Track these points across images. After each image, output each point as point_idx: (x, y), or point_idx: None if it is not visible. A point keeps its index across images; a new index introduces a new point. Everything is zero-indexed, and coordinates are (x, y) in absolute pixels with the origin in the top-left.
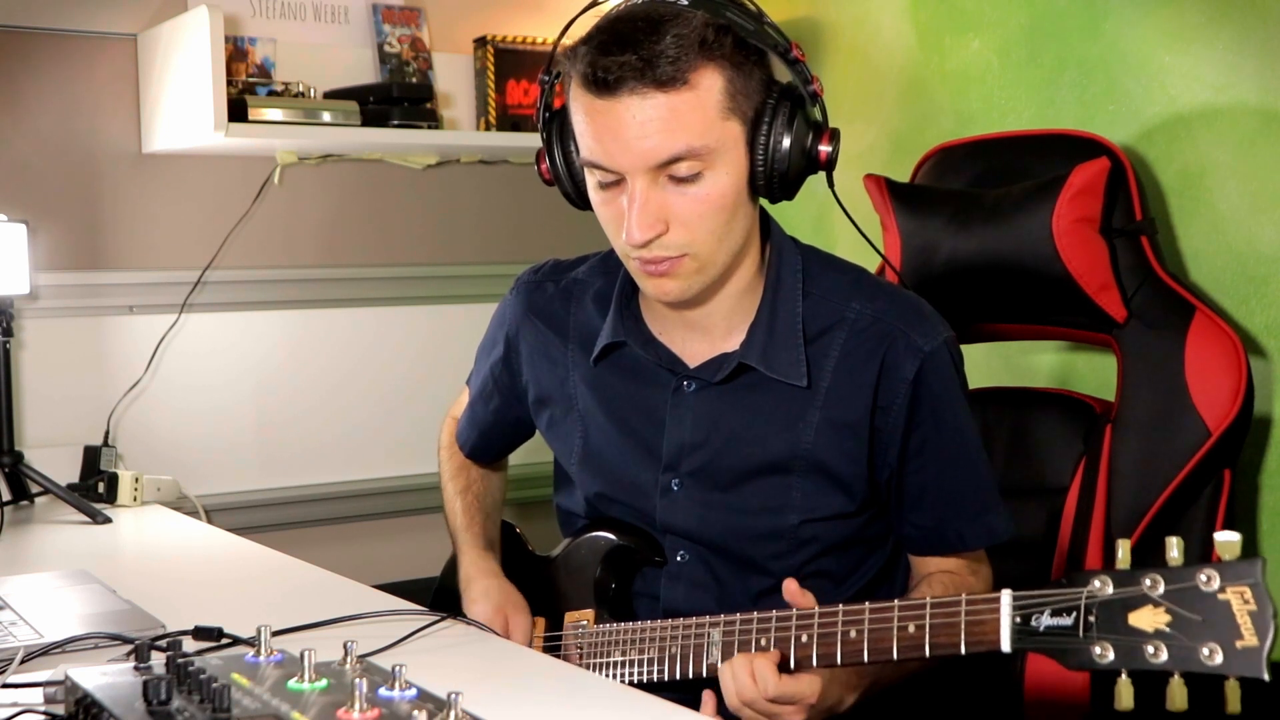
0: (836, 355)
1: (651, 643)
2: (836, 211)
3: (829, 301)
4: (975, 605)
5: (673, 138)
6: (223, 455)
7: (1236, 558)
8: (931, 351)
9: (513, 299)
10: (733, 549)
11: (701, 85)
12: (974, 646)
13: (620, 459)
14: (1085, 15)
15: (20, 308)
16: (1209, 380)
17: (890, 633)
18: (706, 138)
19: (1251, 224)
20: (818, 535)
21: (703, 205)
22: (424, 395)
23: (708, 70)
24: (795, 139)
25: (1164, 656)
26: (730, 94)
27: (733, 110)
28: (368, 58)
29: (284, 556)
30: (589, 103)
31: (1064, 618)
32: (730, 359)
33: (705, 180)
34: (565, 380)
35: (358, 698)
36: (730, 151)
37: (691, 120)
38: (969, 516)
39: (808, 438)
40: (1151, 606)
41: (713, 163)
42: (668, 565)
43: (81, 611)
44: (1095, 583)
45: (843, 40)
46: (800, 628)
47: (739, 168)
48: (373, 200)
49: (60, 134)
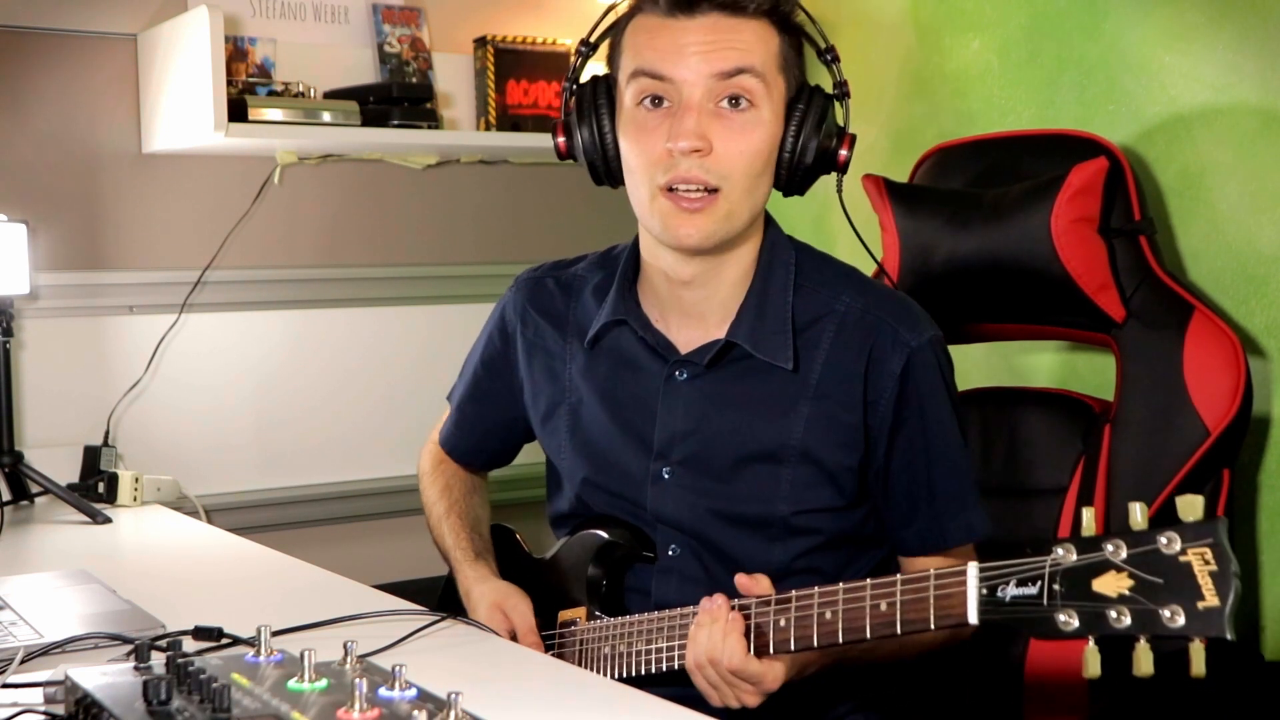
0: (826, 347)
1: (640, 635)
2: (836, 213)
3: (819, 294)
4: (943, 579)
5: (739, 53)
6: (223, 455)
7: (1199, 519)
8: (918, 347)
9: (512, 295)
10: (722, 540)
11: (765, 30)
12: (943, 621)
13: (611, 446)
14: (1085, 15)
15: (20, 308)
16: (1208, 380)
17: (864, 611)
18: (766, 68)
19: (1251, 224)
20: (807, 527)
21: (743, 141)
22: (424, 395)
23: (771, 24)
24: (823, 134)
25: (1127, 621)
26: (783, 55)
27: (783, 69)
28: (368, 58)
29: (284, 556)
30: (656, 23)
31: (1029, 587)
32: (718, 341)
33: (751, 116)
34: (561, 373)
35: (358, 698)
36: (775, 105)
37: (757, 47)
38: (950, 514)
39: (798, 428)
40: (1114, 572)
41: (761, 101)
42: (659, 560)
43: (81, 611)
44: (1059, 551)
45: (843, 40)
46: (778, 612)
47: (776, 127)
48: (373, 200)
49: (60, 134)
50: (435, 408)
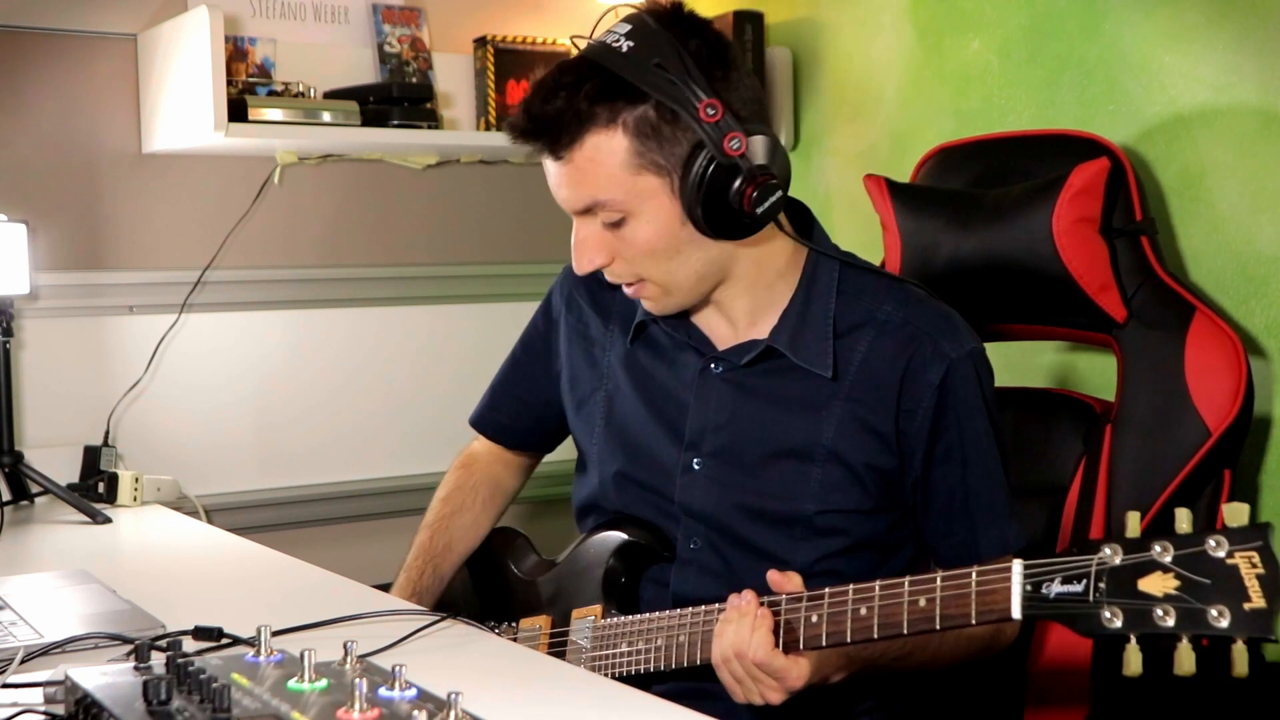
0: (863, 352)
1: (658, 632)
2: (836, 211)
3: (861, 301)
4: (986, 575)
5: (578, 191)
6: (223, 455)
7: (1244, 525)
8: (957, 359)
9: (560, 281)
10: (747, 534)
11: (600, 147)
12: (985, 616)
13: (644, 435)
14: (1085, 15)
15: (20, 308)
16: (1209, 380)
17: (901, 607)
18: (613, 193)
19: (1251, 224)
20: (832, 528)
21: (633, 247)
22: (424, 395)
23: (601, 135)
24: (716, 196)
25: (1172, 620)
26: (636, 152)
27: (643, 166)
28: (368, 58)
29: (284, 556)
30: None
31: (1074, 585)
32: (759, 344)
33: (629, 227)
34: (601, 360)
35: (358, 698)
36: (650, 201)
37: (592, 178)
38: (984, 527)
39: (829, 429)
40: (1160, 572)
41: (632, 211)
42: (680, 553)
43: (81, 611)
44: (1105, 550)
45: (843, 40)
46: (810, 608)
47: (665, 214)
48: (373, 200)
49: (60, 134)
50: (436, 408)
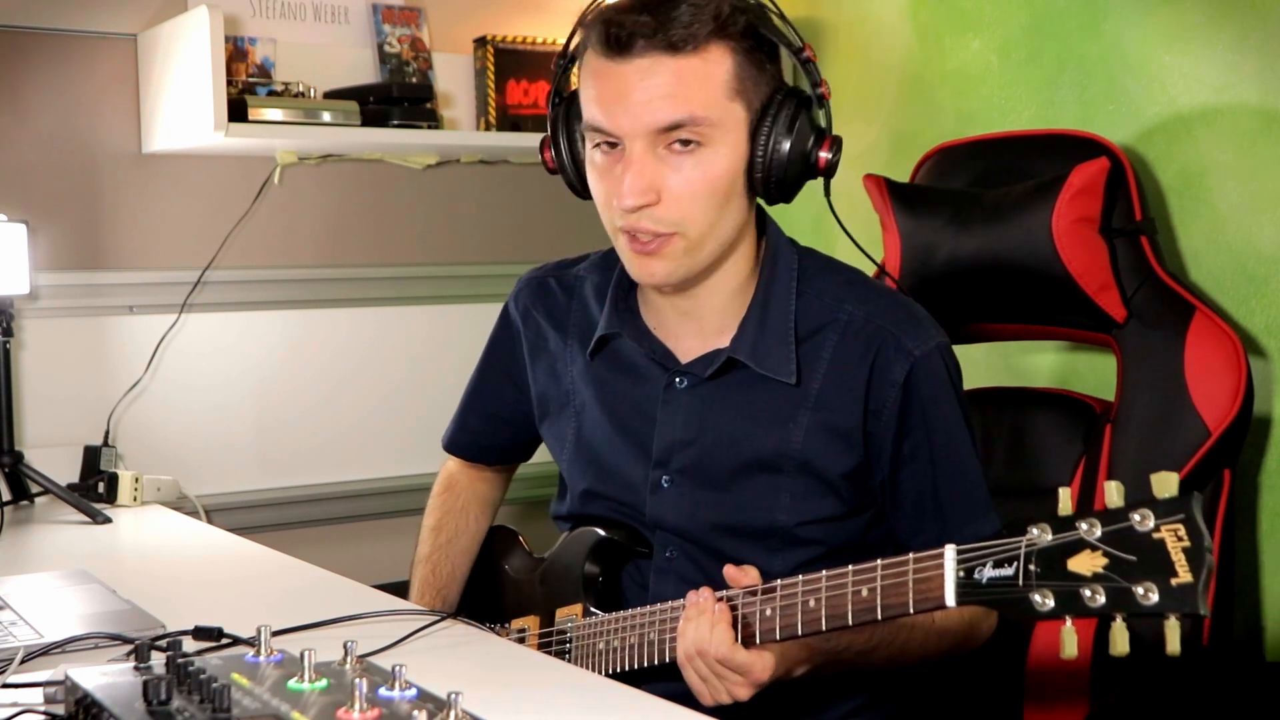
0: (828, 357)
1: (632, 629)
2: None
3: (822, 302)
4: (921, 562)
5: (676, 103)
6: (222, 455)
7: (1172, 496)
8: (922, 355)
9: (515, 295)
10: (721, 547)
11: (711, 58)
12: (921, 605)
13: (612, 454)
14: (1085, 15)
15: (20, 308)
16: (1209, 380)
17: (845, 598)
18: (710, 110)
19: (1251, 224)
20: (809, 538)
21: (696, 181)
22: (424, 395)
23: (719, 46)
24: (796, 140)
25: (1101, 600)
26: (738, 76)
27: (739, 93)
28: (368, 58)
29: (284, 556)
30: (599, 65)
31: (1005, 568)
32: (721, 354)
33: (702, 155)
34: (564, 375)
35: (358, 698)
36: (731, 134)
37: (697, 90)
38: (957, 523)
39: (797, 438)
40: (1089, 551)
41: (712, 139)
42: (656, 562)
43: (81, 611)
44: (1034, 531)
45: (843, 40)
46: (764, 601)
47: (738, 153)
48: (373, 200)
49: (60, 134)
50: (435, 408)
